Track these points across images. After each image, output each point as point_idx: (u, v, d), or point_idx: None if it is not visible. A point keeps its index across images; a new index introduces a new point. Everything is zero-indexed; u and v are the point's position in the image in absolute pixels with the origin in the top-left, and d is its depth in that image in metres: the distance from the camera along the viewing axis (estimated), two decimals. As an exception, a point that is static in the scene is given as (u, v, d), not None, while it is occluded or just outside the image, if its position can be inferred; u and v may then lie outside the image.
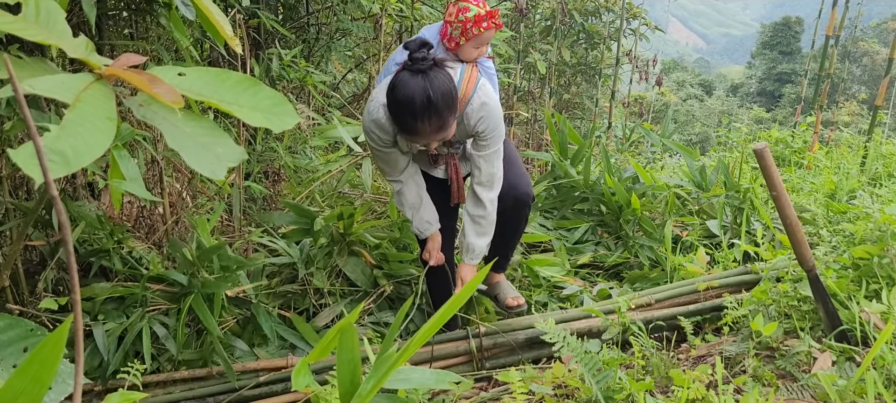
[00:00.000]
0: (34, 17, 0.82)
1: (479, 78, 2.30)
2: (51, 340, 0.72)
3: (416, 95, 2.01)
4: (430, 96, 2.01)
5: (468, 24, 2.27)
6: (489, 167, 2.38)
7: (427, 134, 2.11)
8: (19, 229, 1.96)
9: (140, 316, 2.36)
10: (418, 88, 2.02)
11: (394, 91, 2.07)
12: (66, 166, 0.66)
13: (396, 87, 2.06)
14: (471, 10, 2.27)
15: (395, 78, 2.09)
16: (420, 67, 2.04)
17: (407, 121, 2.08)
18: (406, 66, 2.07)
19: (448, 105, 2.07)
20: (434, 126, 2.08)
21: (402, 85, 2.04)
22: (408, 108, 2.04)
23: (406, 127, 2.12)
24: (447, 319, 1.13)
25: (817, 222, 3.36)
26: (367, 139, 2.33)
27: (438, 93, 2.03)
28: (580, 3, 7.59)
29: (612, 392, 1.81)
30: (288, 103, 0.86)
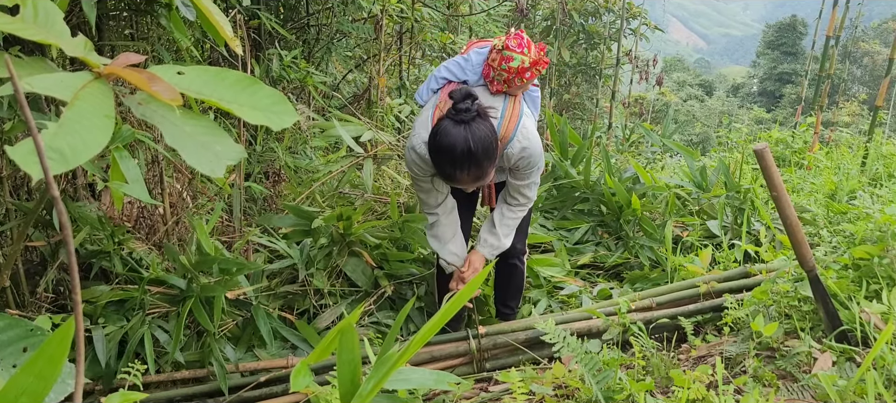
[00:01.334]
0: (32, 17, 0.82)
1: (521, 116, 2.31)
2: (56, 337, 0.72)
3: (458, 145, 2.06)
4: (470, 148, 2.06)
5: (511, 75, 2.28)
6: (527, 190, 2.44)
7: (465, 182, 2.18)
8: (20, 229, 1.96)
9: (140, 320, 2.36)
10: (460, 139, 2.06)
11: (435, 137, 2.11)
12: (64, 164, 0.66)
13: (438, 135, 2.09)
14: (514, 60, 2.26)
15: (439, 124, 2.12)
16: (463, 118, 2.07)
17: (446, 168, 2.13)
18: (449, 115, 2.10)
19: (488, 155, 2.12)
20: (473, 175, 2.14)
21: (444, 133, 2.08)
22: (448, 157, 2.09)
23: (445, 173, 2.17)
24: (448, 319, 1.13)
25: (817, 222, 3.36)
26: (408, 169, 2.38)
27: (479, 145, 2.07)
28: (580, 3, 7.60)
29: (612, 393, 1.81)
30: (287, 102, 0.86)
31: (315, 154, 3.88)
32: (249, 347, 2.59)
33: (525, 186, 2.41)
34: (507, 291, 2.76)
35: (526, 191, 2.43)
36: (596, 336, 2.51)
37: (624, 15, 7.13)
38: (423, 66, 4.94)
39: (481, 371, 2.54)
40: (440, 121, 2.13)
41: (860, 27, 17.80)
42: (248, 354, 2.56)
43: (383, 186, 3.74)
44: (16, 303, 2.24)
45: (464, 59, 2.38)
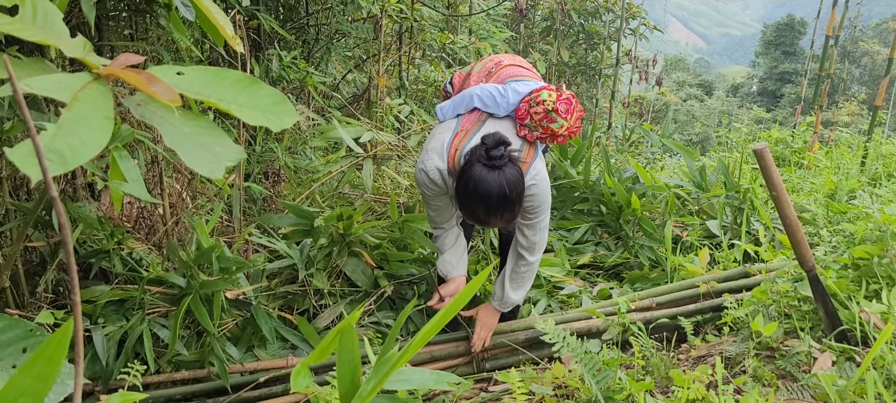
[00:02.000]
0: (32, 18, 0.82)
1: (535, 158, 2.30)
2: (55, 338, 0.72)
3: (494, 193, 2.06)
4: (506, 193, 2.07)
5: (547, 134, 2.29)
6: (534, 235, 2.41)
7: (495, 224, 2.19)
8: (19, 230, 1.96)
9: (140, 319, 2.36)
10: (495, 185, 2.06)
11: (468, 184, 2.09)
12: (64, 165, 0.66)
13: (472, 181, 2.08)
14: (556, 123, 2.26)
15: (471, 171, 2.10)
16: (497, 165, 2.08)
17: (479, 213, 2.13)
18: (481, 159, 2.10)
19: (520, 198, 2.14)
20: (506, 219, 2.15)
21: (479, 180, 2.07)
22: (483, 203, 2.09)
23: (476, 216, 2.16)
24: (448, 320, 1.13)
25: (817, 222, 3.36)
26: (419, 187, 2.35)
27: (513, 189, 2.09)
28: (580, 3, 7.60)
29: (612, 393, 1.81)
30: (287, 101, 0.86)
31: (315, 154, 3.88)
32: (249, 347, 2.59)
33: (530, 226, 2.38)
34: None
35: (532, 232, 2.39)
36: (596, 336, 2.51)
37: (624, 15, 7.13)
38: (422, 66, 4.94)
39: (481, 372, 2.54)
40: (471, 167, 2.10)
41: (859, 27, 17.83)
42: (247, 354, 2.56)
43: (383, 186, 3.74)
44: (15, 304, 2.24)
45: (500, 94, 2.33)
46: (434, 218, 2.46)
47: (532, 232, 2.39)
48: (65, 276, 2.47)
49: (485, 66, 2.51)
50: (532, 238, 2.40)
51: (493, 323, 2.54)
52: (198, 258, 2.47)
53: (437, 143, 2.28)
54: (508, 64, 2.50)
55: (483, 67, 2.52)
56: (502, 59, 2.54)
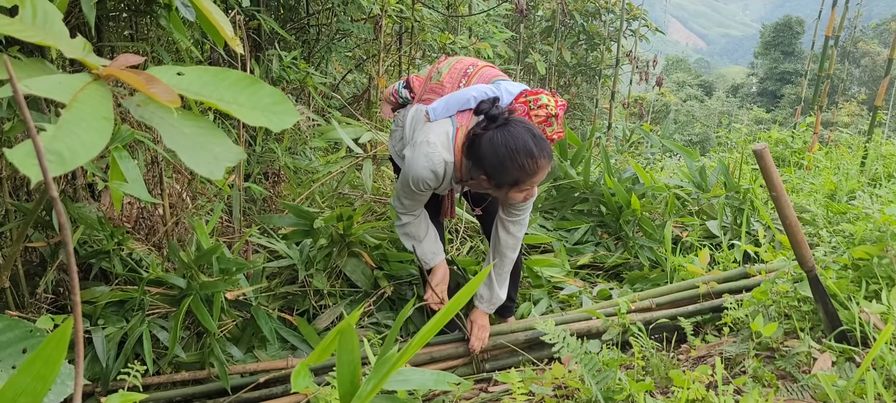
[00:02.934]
0: (31, 18, 0.82)
1: None
2: (54, 338, 0.72)
3: (528, 138, 2.06)
4: (535, 133, 2.08)
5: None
6: (518, 230, 2.45)
7: (544, 169, 2.14)
8: (19, 230, 1.96)
9: (140, 320, 2.36)
10: (524, 132, 2.07)
11: (499, 147, 2.07)
12: (63, 166, 0.66)
13: (502, 143, 2.07)
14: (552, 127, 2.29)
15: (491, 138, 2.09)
16: (506, 119, 2.10)
17: (527, 165, 2.09)
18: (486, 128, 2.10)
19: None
20: (549, 159, 2.13)
21: (508, 137, 2.07)
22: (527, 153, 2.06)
23: (527, 170, 2.10)
24: (447, 320, 1.13)
25: (817, 223, 3.36)
26: (411, 184, 2.27)
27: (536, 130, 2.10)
28: (580, 3, 7.60)
29: (611, 393, 1.81)
30: (287, 101, 0.86)
31: (315, 154, 3.88)
32: (249, 348, 2.59)
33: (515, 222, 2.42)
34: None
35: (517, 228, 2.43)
36: (596, 336, 2.51)
37: (624, 15, 7.13)
38: (422, 66, 4.94)
39: (481, 372, 2.54)
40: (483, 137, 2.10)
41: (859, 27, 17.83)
42: (247, 355, 2.56)
43: (383, 187, 3.74)
44: (15, 304, 2.24)
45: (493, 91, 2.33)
46: (410, 208, 2.42)
47: (517, 228, 2.44)
48: (65, 277, 2.47)
49: (456, 69, 2.47)
50: (517, 233, 2.45)
51: (487, 323, 2.55)
52: (198, 259, 2.47)
53: (441, 137, 2.24)
54: (484, 65, 2.50)
55: (453, 69, 2.48)
56: (475, 61, 2.52)
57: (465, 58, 2.57)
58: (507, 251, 2.48)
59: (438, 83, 2.46)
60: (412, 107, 2.51)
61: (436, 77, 2.50)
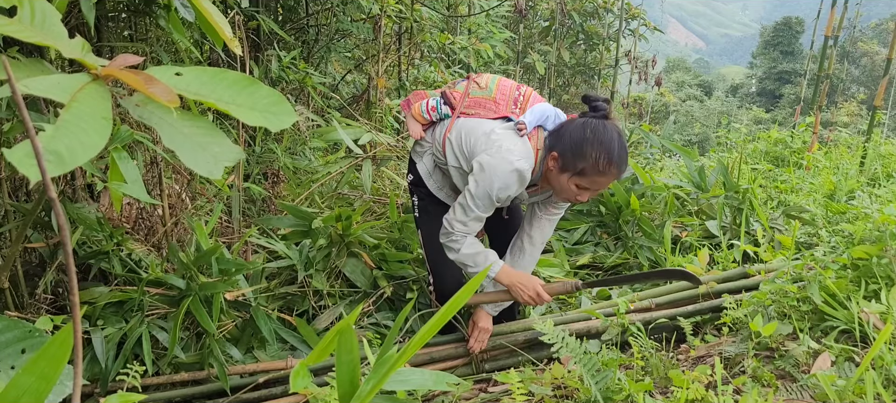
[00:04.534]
0: (30, 19, 0.82)
1: None
2: (58, 337, 0.72)
3: (614, 138, 2.10)
4: (624, 141, 2.13)
5: None
6: (550, 227, 2.48)
7: (614, 176, 2.16)
8: (18, 231, 1.96)
9: (139, 321, 2.36)
10: (614, 132, 2.11)
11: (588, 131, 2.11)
12: (61, 166, 0.66)
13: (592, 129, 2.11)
14: None
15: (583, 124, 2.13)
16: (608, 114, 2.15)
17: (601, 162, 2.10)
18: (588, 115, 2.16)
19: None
20: (623, 169, 2.16)
21: (599, 129, 2.11)
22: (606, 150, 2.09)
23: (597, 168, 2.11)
24: (447, 320, 1.13)
25: (816, 222, 3.36)
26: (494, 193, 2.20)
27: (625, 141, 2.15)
28: (579, 3, 7.60)
29: (611, 393, 1.81)
30: (286, 102, 0.86)
31: (314, 155, 3.88)
32: (248, 348, 2.59)
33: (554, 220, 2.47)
34: None
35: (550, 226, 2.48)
36: (595, 336, 2.51)
37: (623, 15, 7.13)
38: (422, 66, 4.94)
39: (480, 372, 2.54)
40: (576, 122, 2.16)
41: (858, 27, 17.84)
42: (246, 356, 2.56)
43: (382, 187, 3.74)
44: (15, 305, 2.24)
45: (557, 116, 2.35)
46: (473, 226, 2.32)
47: (550, 226, 2.48)
48: (64, 278, 2.47)
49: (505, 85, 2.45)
50: (549, 231, 2.49)
51: (489, 325, 2.53)
52: (197, 259, 2.46)
53: (520, 146, 2.23)
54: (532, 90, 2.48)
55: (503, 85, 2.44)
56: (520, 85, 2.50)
57: (503, 77, 2.53)
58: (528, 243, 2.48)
59: (490, 98, 2.41)
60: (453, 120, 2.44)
61: (483, 92, 2.44)
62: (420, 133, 2.57)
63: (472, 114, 2.42)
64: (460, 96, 2.47)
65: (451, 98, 2.49)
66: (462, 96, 2.47)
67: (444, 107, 2.50)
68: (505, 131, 2.28)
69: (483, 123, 2.36)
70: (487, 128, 2.32)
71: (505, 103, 2.40)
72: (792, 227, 3.08)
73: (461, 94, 2.48)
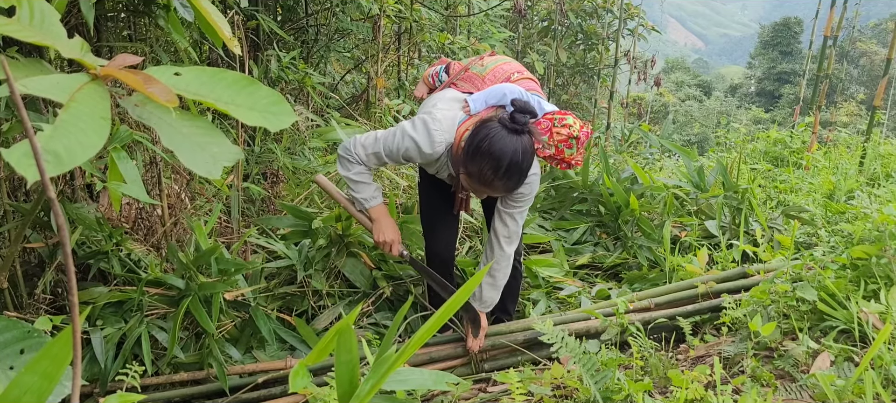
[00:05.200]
0: (29, 19, 0.82)
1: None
2: (61, 337, 0.72)
3: (508, 154, 2.04)
4: (519, 160, 2.06)
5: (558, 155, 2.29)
6: (514, 224, 2.41)
7: (499, 189, 2.15)
8: (17, 231, 1.96)
9: (138, 321, 2.36)
10: (510, 148, 2.04)
11: (484, 140, 2.07)
12: (60, 166, 0.66)
13: (487, 138, 2.06)
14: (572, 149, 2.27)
15: (490, 127, 2.08)
16: (518, 129, 2.07)
17: (485, 171, 2.09)
18: (503, 122, 2.08)
19: (526, 172, 2.13)
20: (510, 185, 2.14)
21: (496, 138, 2.05)
22: (493, 162, 2.05)
23: (481, 176, 2.11)
24: (446, 320, 1.13)
25: (815, 222, 3.36)
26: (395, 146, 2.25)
27: (526, 159, 2.08)
28: (577, 3, 7.60)
29: (610, 393, 1.81)
30: (285, 102, 0.86)
31: (313, 155, 3.88)
32: (248, 348, 2.59)
33: (512, 216, 2.39)
34: (506, 294, 2.74)
35: (513, 222, 2.41)
36: (594, 336, 2.51)
37: (622, 15, 7.13)
38: (421, 66, 4.93)
39: (480, 372, 2.54)
40: (490, 124, 2.09)
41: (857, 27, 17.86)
42: (246, 355, 2.56)
43: (381, 187, 3.74)
44: (14, 305, 2.24)
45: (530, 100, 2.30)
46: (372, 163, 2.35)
47: (514, 221, 2.41)
48: (63, 278, 2.47)
49: (502, 69, 2.47)
50: (513, 226, 2.42)
51: (483, 323, 2.55)
52: (196, 259, 2.46)
53: (449, 117, 2.25)
54: (528, 77, 2.50)
55: (499, 69, 2.47)
56: (522, 69, 2.52)
57: (512, 61, 2.55)
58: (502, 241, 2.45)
59: (480, 76, 2.46)
60: (444, 89, 2.50)
61: (479, 69, 2.50)
62: (422, 94, 2.72)
63: (461, 87, 2.47)
64: (457, 70, 2.53)
65: (450, 68, 2.60)
66: (459, 70, 2.52)
67: (444, 74, 2.61)
68: (450, 103, 2.31)
69: (448, 92, 2.43)
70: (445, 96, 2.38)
71: (492, 83, 2.42)
72: (791, 227, 3.08)
73: (460, 68, 2.53)
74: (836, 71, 8.64)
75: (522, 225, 2.46)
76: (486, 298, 2.51)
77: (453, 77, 2.54)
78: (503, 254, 2.45)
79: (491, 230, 2.49)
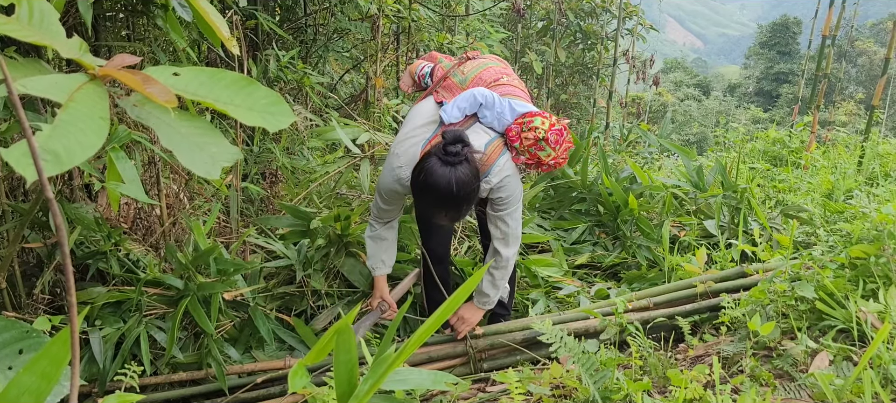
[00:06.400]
0: (28, 18, 0.82)
1: (501, 155, 2.31)
2: (59, 337, 0.72)
3: (442, 188, 2.08)
4: (453, 192, 2.08)
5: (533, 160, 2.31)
6: (505, 226, 2.42)
7: (442, 220, 2.24)
8: (15, 231, 1.96)
9: (137, 321, 2.36)
10: (443, 180, 2.08)
11: (420, 175, 2.13)
12: (59, 165, 0.66)
13: (423, 172, 2.12)
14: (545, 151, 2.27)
15: (425, 162, 2.13)
16: (451, 161, 2.09)
17: (426, 205, 2.22)
18: (438, 153, 2.11)
19: (467, 200, 2.15)
20: (450, 216, 2.21)
21: (429, 172, 2.10)
22: (431, 196, 2.12)
23: (428, 210, 2.26)
24: (444, 320, 1.13)
25: (814, 222, 3.36)
26: (380, 188, 2.39)
27: (462, 189, 2.10)
28: (576, 3, 7.60)
29: (609, 393, 1.81)
30: (284, 102, 0.85)
31: (312, 155, 3.88)
32: (247, 348, 2.59)
33: (501, 218, 2.39)
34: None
35: (504, 224, 2.41)
36: (593, 336, 2.51)
37: (621, 15, 7.13)
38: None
39: (479, 372, 2.54)
40: (427, 158, 2.13)
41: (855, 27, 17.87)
42: (245, 355, 2.56)
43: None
44: (12, 305, 2.24)
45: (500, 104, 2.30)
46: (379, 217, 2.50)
47: (504, 223, 2.41)
48: (62, 278, 2.47)
49: (482, 77, 2.46)
50: (504, 228, 2.42)
51: (473, 318, 2.56)
52: (195, 259, 2.46)
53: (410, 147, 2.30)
54: (508, 83, 2.48)
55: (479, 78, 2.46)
56: (502, 76, 2.50)
57: (495, 65, 2.54)
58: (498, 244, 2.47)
59: (460, 86, 2.45)
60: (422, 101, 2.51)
61: (459, 78, 2.49)
62: (408, 88, 2.77)
63: (438, 97, 2.48)
64: (439, 76, 2.53)
65: (436, 72, 2.61)
66: (439, 77, 2.52)
67: (429, 78, 2.63)
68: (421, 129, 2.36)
69: (425, 106, 2.46)
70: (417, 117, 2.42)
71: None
72: (790, 227, 3.09)
73: (441, 74, 2.53)
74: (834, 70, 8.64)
75: (519, 226, 2.46)
76: (484, 292, 2.53)
77: (435, 84, 2.54)
78: (501, 257, 2.47)
79: (490, 235, 2.50)
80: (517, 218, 2.43)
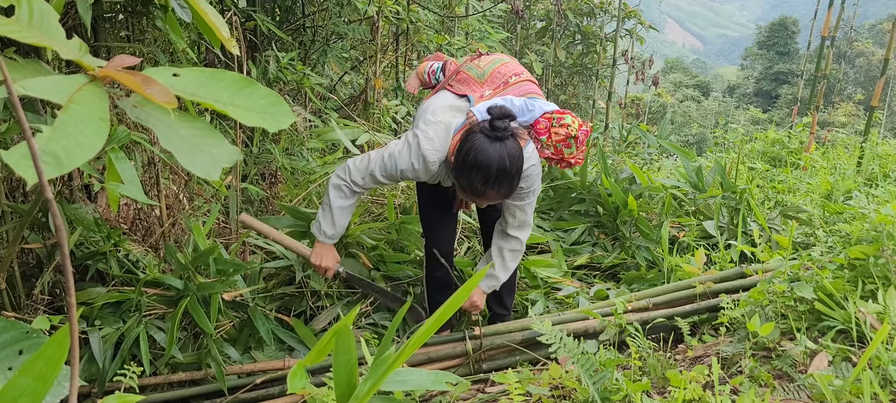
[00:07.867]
0: (27, 19, 0.82)
1: (529, 141, 2.32)
2: (56, 338, 0.72)
3: (494, 163, 2.06)
4: (506, 166, 2.07)
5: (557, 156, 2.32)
6: (522, 215, 2.44)
7: (493, 198, 2.18)
8: (15, 232, 1.96)
9: (137, 321, 2.36)
10: (495, 156, 2.06)
11: (469, 153, 2.09)
12: (59, 167, 0.66)
13: (473, 150, 2.08)
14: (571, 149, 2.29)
15: (473, 140, 2.09)
16: (499, 136, 2.08)
17: (476, 184, 2.12)
18: (484, 130, 2.09)
19: (518, 174, 2.14)
20: (502, 192, 2.16)
21: (479, 150, 2.07)
22: (481, 174, 2.08)
23: (473, 188, 2.15)
24: (444, 321, 1.13)
25: (813, 222, 3.37)
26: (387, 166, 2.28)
27: (513, 164, 2.09)
28: (575, 3, 7.60)
29: (608, 393, 1.81)
30: (283, 103, 0.86)
31: (312, 155, 3.88)
32: (246, 349, 2.59)
33: (521, 208, 2.41)
34: (502, 291, 2.74)
35: (522, 213, 2.42)
36: (593, 336, 2.51)
37: (620, 15, 7.14)
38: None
39: (478, 372, 2.54)
40: (472, 136, 2.10)
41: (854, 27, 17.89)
42: (244, 356, 2.56)
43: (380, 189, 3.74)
44: (11, 306, 2.23)
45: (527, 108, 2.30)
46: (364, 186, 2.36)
47: (522, 212, 2.43)
48: (61, 278, 2.47)
49: (499, 72, 2.47)
50: (522, 217, 2.44)
51: (481, 301, 2.59)
52: (195, 260, 2.46)
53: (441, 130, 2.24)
54: (527, 78, 2.50)
55: (497, 72, 2.47)
56: (520, 70, 2.52)
57: (511, 62, 2.55)
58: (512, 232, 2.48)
59: (478, 81, 2.46)
60: (439, 93, 2.49)
61: (476, 72, 2.49)
62: (414, 89, 2.76)
63: (457, 91, 2.46)
64: (452, 70, 2.53)
65: (447, 68, 2.61)
66: (453, 71, 2.52)
67: (441, 73, 2.62)
68: (445, 112, 2.31)
69: (445, 97, 2.42)
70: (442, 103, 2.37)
71: (490, 87, 2.43)
72: (789, 227, 3.09)
73: (454, 68, 2.53)
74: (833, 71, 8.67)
75: (532, 215, 2.48)
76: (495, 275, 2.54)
77: (448, 78, 2.54)
78: (518, 240, 2.49)
79: (499, 223, 2.51)
80: (533, 207, 2.47)
